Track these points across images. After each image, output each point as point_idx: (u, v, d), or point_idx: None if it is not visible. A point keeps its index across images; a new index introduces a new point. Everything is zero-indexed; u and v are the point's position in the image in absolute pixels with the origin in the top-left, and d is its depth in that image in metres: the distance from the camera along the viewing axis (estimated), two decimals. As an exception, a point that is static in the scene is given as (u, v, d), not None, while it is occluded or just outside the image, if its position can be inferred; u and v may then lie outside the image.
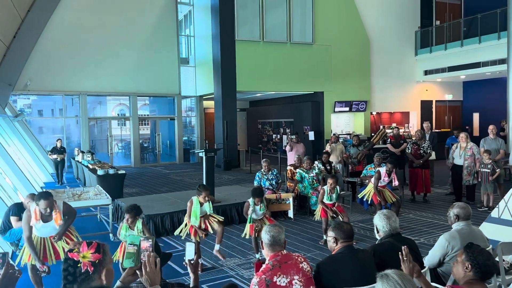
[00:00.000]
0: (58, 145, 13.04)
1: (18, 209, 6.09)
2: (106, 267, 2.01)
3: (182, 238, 5.83)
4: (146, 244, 2.16)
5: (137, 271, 2.15)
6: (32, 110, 17.96)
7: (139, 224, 4.85)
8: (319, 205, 6.66)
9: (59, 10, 15.51)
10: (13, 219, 6.12)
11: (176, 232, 5.72)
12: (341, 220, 6.31)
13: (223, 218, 5.84)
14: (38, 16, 14.39)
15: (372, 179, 7.56)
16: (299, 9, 17.12)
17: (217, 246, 5.67)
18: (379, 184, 7.38)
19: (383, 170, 7.42)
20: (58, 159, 12.85)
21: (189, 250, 2.57)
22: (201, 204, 5.42)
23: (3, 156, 9.34)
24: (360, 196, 7.83)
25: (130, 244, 2.15)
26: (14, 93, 15.30)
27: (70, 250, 1.98)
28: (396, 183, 7.59)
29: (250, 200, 5.74)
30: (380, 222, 3.47)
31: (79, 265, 1.94)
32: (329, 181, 6.50)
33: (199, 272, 5.13)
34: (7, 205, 6.91)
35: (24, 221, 4.52)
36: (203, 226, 5.48)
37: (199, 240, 5.51)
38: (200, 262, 5.59)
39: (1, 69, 13.17)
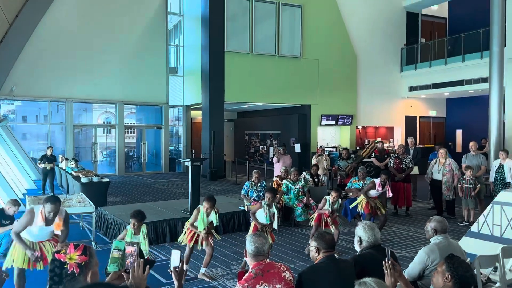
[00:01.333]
0: (49, 153, 12.12)
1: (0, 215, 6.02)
2: (91, 269, 2.03)
3: (181, 244, 5.79)
4: (131, 249, 2.18)
5: (123, 274, 2.17)
6: (16, 115, 17.74)
7: (144, 228, 4.88)
8: (316, 212, 6.77)
9: (47, 16, 15.45)
10: (-6, 225, 6.04)
11: (180, 239, 5.75)
12: (332, 231, 6.39)
13: (220, 238, 6.05)
14: (26, 21, 14.29)
15: (365, 188, 7.68)
16: (288, 23, 17.34)
17: (203, 269, 5.65)
18: (372, 195, 7.50)
19: (377, 181, 7.53)
20: (48, 168, 11.93)
21: (174, 257, 2.53)
22: (208, 214, 5.46)
23: (-15, 161, 9.22)
24: (352, 206, 7.91)
25: (115, 249, 2.16)
26: (-1, 98, 15.15)
27: (57, 252, 2.00)
28: (390, 194, 7.84)
29: (263, 201, 5.79)
30: (365, 233, 3.50)
31: (65, 266, 1.96)
32: (333, 194, 6.60)
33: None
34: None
35: (23, 219, 4.39)
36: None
37: (192, 248, 5.55)
38: (186, 269, 5.56)
39: (-14, 73, 13.03)
